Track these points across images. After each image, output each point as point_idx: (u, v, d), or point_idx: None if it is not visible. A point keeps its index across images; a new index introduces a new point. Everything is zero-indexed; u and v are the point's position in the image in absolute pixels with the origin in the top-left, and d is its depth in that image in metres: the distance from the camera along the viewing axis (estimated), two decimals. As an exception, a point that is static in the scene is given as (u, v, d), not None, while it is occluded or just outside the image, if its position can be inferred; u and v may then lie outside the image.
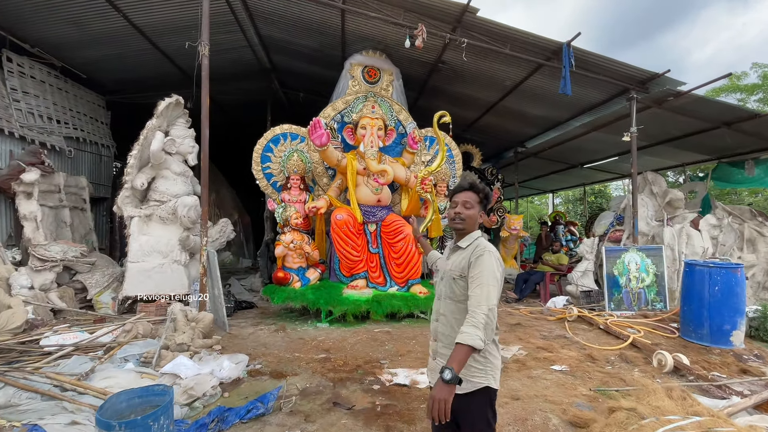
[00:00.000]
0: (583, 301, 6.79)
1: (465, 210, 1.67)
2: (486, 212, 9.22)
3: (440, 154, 5.34)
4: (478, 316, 1.40)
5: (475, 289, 1.47)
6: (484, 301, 1.43)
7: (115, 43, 6.66)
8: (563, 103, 7.27)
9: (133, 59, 7.32)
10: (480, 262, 1.51)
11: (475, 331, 1.36)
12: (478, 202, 1.69)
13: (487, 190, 1.73)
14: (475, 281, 1.49)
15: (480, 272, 1.49)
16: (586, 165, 10.63)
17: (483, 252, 1.54)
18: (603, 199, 28.29)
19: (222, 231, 6.31)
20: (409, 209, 5.77)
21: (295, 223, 5.17)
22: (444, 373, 1.30)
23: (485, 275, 1.48)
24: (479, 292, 1.45)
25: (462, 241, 1.67)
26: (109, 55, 7.05)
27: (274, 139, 6.16)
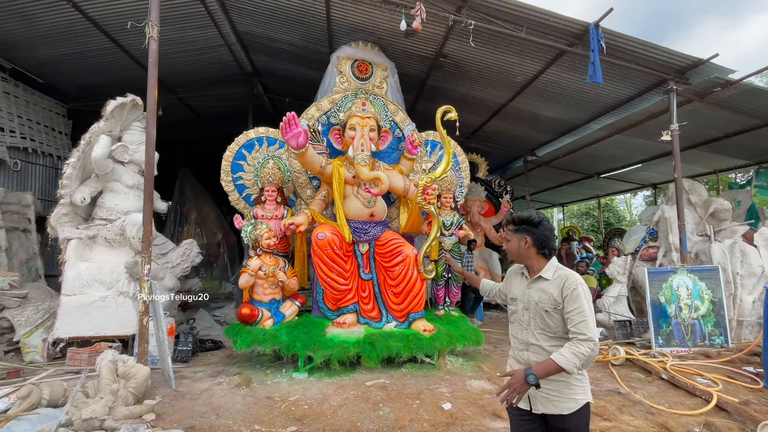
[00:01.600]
0: (619, 333, 5.68)
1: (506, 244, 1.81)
2: (495, 227, 8.18)
3: (445, 158, 4.35)
4: (583, 349, 1.48)
5: (580, 324, 1.53)
6: (590, 334, 1.50)
7: (71, 39, 5.81)
8: (583, 101, 6.35)
9: (95, 61, 6.48)
10: (579, 297, 1.56)
11: (574, 359, 1.47)
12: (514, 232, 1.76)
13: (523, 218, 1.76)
14: (579, 315, 1.54)
15: (582, 307, 1.55)
16: (603, 175, 9.65)
17: (578, 286, 1.58)
18: (609, 213, 27.35)
19: (185, 255, 5.29)
20: (409, 225, 4.75)
21: (267, 244, 4.14)
22: (530, 377, 1.48)
23: (586, 309, 1.54)
24: (585, 326, 1.52)
25: (544, 272, 1.69)
26: (66, 55, 6.20)
27: (248, 145, 5.21)
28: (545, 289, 1.64)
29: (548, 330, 1.62)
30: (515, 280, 1.82)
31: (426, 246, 4.33)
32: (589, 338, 1.47)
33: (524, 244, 1.70)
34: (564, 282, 1.59)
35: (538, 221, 1.71)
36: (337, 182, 4.57)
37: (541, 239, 1.69)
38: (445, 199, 5.12)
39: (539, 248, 1.69)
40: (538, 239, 1.69)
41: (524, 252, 1.70)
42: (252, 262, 3.99)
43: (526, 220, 1.73)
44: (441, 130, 4.31)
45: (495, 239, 8.03)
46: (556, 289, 1.60)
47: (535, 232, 1.69)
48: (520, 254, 1.72)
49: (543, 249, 1.69)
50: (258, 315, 3.97)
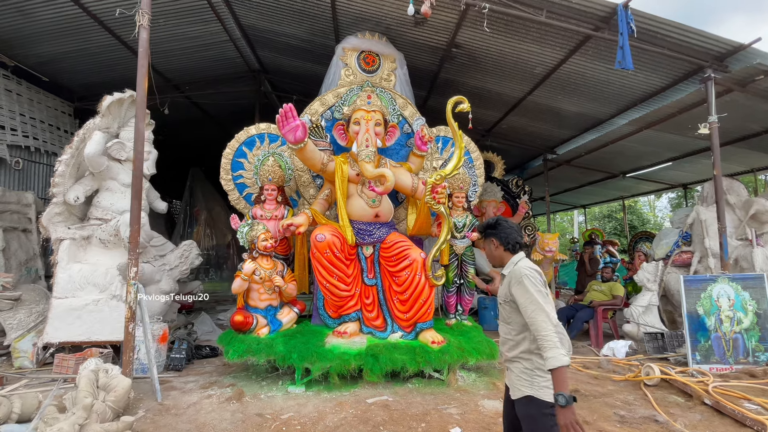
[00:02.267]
0: (650, 346, 5.17)
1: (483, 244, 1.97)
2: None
3: (457, 153, 4.00)
4: (550, 337, 1.54)
5: (532, 314, 1.61)
6: (546, 321, 1.57)
7: (71, 36, 5.69)
8: (608, 94, 5.87)
9: (99, 58, 6.37)
10: (523, 290, 1.64)
11: (555, 352, 1.51)
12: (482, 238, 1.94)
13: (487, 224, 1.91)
14: (528, 309, 1.62)
15: (529, 298, 1.62)
16: (629, 174, 9.06)
17: (521, 278, 1.66)
18: (633, 216, 26.28)
19: (183, 257, 5.06)
20: (417, 227, 4.40)
21: (263, 246, 3.85)
22: (559, 399, 1.47)
23: (534, 299, 1.61)
24: (537, 316, 1.59)
25: (505, 269, 1.82)
26: (69, 52, 6.11)
27: (249, 142, 4.95)
28: (504, 284, 1.80)
29: (504, 320, 1.81)
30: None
31: (435, 249, 3.96)
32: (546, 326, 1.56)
33: (494, 247, 1.85)
34: (512, 274, 1.73)
35: (494, 222, 1.88)
36: (339, 180, 4.26)
37: (504, 236, 1.82)
38: (456, 198, 4.73)
39: (506, 245, 1.81)
40: (501, 238, 1.82)
41: (497, 254, 1.85)
42: (246, 265, 3.70)
43: (485, 225, 1.91)
44: (452, 122, 3.96)
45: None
46: (507, 284, 1.75)
47: (497, 233, 1.84)
48: (496, 257, 1.86)
49: (509, 245, 1.81)
50: (252, 322, 3.68)
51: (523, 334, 1.69)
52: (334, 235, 3.88)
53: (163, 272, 4.81)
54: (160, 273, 4.75)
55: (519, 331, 1.71)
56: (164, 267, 4.84)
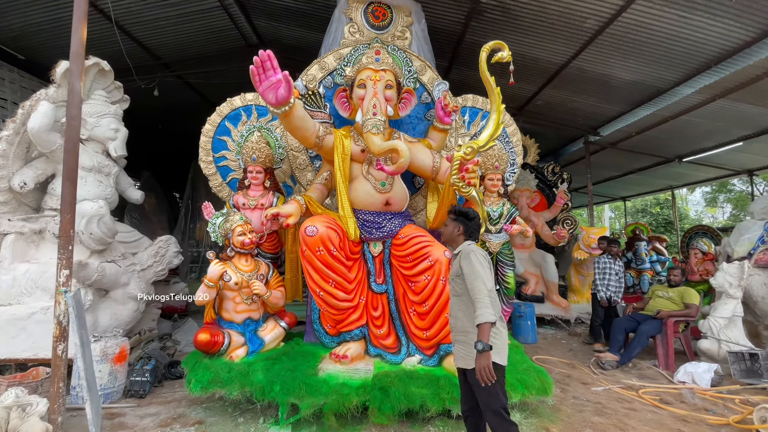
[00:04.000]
0: (736, 368, 4.06)
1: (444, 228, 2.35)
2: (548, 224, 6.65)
3: (494, 118, 2.96)
4: (483, 300, 1.90)
5: (473, 282, 1.95)
6: (482, 287, 1.92)
7: (41, 3, 4.98)
8: (676, 53, 4.69)
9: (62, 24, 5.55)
10: (468, 263, 2.00)
11: (485, 311, 1.87)
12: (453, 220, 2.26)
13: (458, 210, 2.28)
14: (470, 278, 1.97)
15: (471, 270, 1.97)
16: (686, 158, 7.75)
17: (468, 254, 2.03)
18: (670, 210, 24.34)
19: (159, 255, 4.25)
20: (440, 217, 3.41)
21: (240, 242, 2.97)
22: (477, 345, 1.83)
23: (477, 270, 1.96)
24: (476, 284, 1.94)
25: (456, 249, 2.19)
26: (41, 24, 5.39)
27: (233, 116, 4.09)
28: (455, 262, 2.12)
29: (455, 293, 2.11)
30: None
31: (464, 246, 2.98)
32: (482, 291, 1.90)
33: (457, 232, 2.22)
34: (462, 253, 2.07)
35: (473, 216, 2.24)
36: (340, 158, 3.32)
37: (471, 230, 2.22)
38: (490, 181, 3.71)
39: (467, 236, 2.21)
40: (468, 229, 2.22)
41: (456, 236, 2.22)
42: (211, 267, 2.81)
43: (463, 212, 2.25)
44: (487, 75, 2.93)
45: (549, 238, 6.48)
46: (458, 261, 2.08)
47: (468, 224, 2.22)
48: (452, 238, 2.24)
49: (469, 237, 2.21)
50: (223, 342, 2.80)
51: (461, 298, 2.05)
52: (331, 228, 2.94)
53: (132, 273, 4.01)
54: (127, 274, 3.95)
55: (466, 299, 2.00)
56: (133, 267, 4.04)
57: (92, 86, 4.24)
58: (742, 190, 21.35)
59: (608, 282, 5.25)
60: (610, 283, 5.23)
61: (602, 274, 5.30)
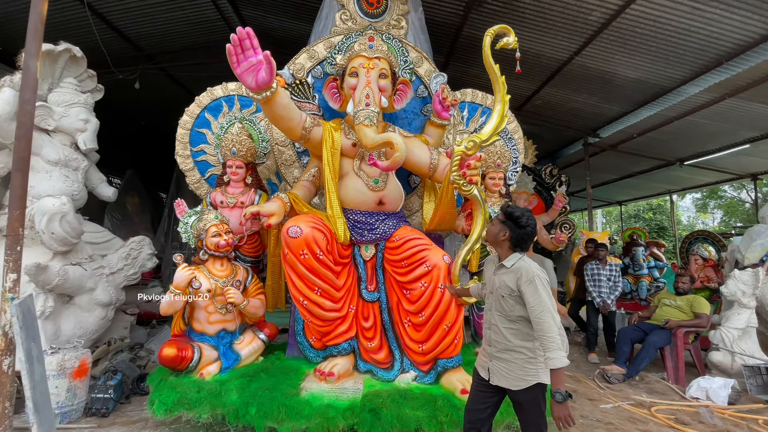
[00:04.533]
0: (752, 383, 3.82)
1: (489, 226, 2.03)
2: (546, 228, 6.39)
3: (498, 109, 2.68)
4: (555, 339, 1.67)
5: (540, 315, 1.71)
6: (552, 324, 1.69)
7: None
8: (685, 48, 4.48)
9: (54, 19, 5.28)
10: (533, 290, 1.74)
11: (558, 354, 1.66)
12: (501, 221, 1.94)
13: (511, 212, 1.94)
14: (536, 309, 1.72)
15: (538, 301, 1.72)
16: (688, 161, 7.58)
17: (533, 279, 1.76)
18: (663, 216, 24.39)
19: (131, 257, 3.91)
20: (438, 219, 3.12)
21: (214, 243, 2.65)
22: (556, 396, 1.66)
23: (544, 301, 1.72)
24: (545, 318, 1.70)
25: (506, 261, 1.90)
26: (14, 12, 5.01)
27: (213, 107, 3.78)
28: (503, 277, 1.86)
29: (504, 313, 1.85)
30: (489, 267, 2.07)
31: (465, 251, 2.68)
32: (551, 328, 1.67)
33: (503, 235, 1.92)
34: (521, 272, 1.80)
35: (524, 224, 1.88)
36: (329, 152, 3.02)
37: (519, 239, 1.89)
38: (491, 180, 3.43)
39: (513, 245, 1.90)
40: (516, 237, 1.89)
41: (500, 241, 1.93)
42: (178, 272, 2.48)
43: (514, 217, 1.91)
44: (491, 62, 2.67)
45: (547, 242, 6.17)
46: (512, 279, 1.81)
47: (518, 232, 1.89)
48: (497, 241, 1.96)
49: (515, 247, 1.90)
50: (192, 357, 2.48)
51: (525, 330, 1.80)
52: (317, 229, 2.63)
53: (99, 278, 3.66)
54: (94, 278, 3.60)
55: (520, 325, 1.82)
56: (101, 270, 3.69)
57: (63, 74, 3.90)
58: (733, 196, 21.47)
59: (600, 287, 5.11)
60: (602, 289, 5.10)
61: (592, 281, 5.20)
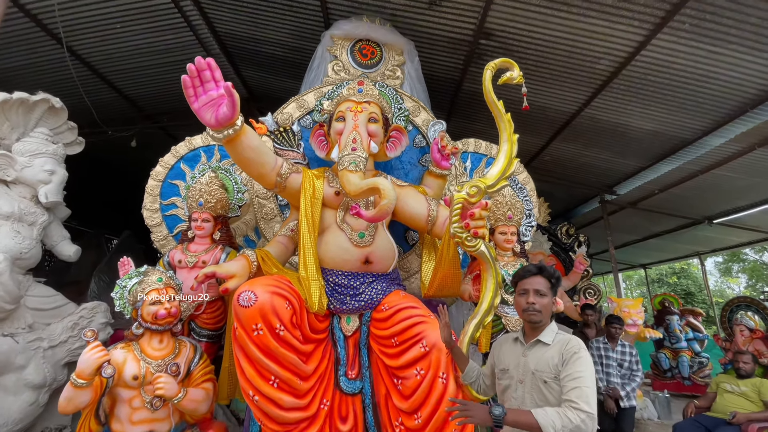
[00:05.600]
0: None
1: (540, 299, 1.61)
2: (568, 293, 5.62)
3: (505, 149, 2.23)
4: (572, 417, 1.33)
5: (575, 390, 1.38)
6: (584, 404, 1.35)
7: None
8: (705, 97, 4.15)
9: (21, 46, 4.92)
10: (579, 361, 1.44)
11: (556, 420, 1.32)
12: (550, 288, 1.66)
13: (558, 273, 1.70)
14: (574, 381, 1.41)
15: (581, 373, 1.42)
16: (717, 220, 6.96)
17: (579, 350, 1.47)
18: (689, 280, 22.98)
19: (78, 327, 3.31)
20: (438, 281, 2.52)
21: (151, 314, 2.08)
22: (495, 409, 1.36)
23: (587, 377, 1.42)
24: (579, 393, 1.37)
25: (542, 336, 1.56)
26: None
27: (190, 157, 3.46)
28: (544, 356, 1.52)
29: (548, 404, 1.46)
30: (507, 349, 1.70)
31: (474, 325, 2.04)
32: (583, 409, 1.34)
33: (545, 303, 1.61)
34: (565, 345, 1.50)
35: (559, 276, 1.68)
36: (308, 201, 2.56)
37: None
38: (502, 235, 2.86)
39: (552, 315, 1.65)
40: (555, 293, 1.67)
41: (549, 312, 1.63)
42: (83, 355, 1.87)
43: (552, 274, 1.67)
44: (493, 98, 2.30)
45: (571, 311, 5.45)
46: (556, 354, 1.49)
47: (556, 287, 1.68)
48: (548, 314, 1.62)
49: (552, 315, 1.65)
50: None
51: None
52: (279, 295, 2.05)
53: (34, 352, 3.04)
54: (27, 353, 2.99)
55: None
56: (39, 344, 3.09)
57: (38, 124, 3.69)
58: (756, 259, 20.31)
59: (609, 375, 3.72)
60: (611, 378, 3.70)
61: (599, 365, 3.77)
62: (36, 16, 4.11)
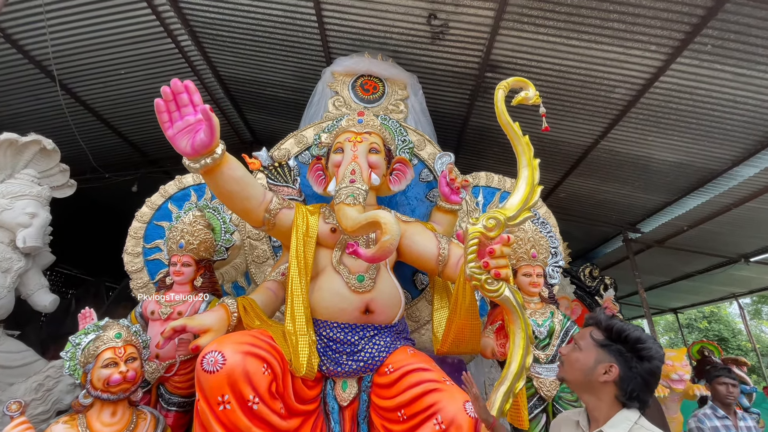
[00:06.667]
0: None
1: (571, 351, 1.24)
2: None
3: (526, 175, 1.91)
4: None
5: None
6: None
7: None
8: (733, 124, 3.86)
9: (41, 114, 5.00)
10: None
11: None
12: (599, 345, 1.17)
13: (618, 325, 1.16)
14: None
15: None
16: (754, 258, 6.39)
17: None
18: (721, 325, 21.47)
19: (43, 389, 2.90)
20: (454, 333, 2.08)
21: (104, 379, 1.69)
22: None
23: None
24: None
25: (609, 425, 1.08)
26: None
27: (179, 197, 3.22)
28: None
29: None
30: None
31: (503, 393, 1.59)
32: None
33: (602, 372, 1.12)
34: None
35: (649, 354, 1.07)
36: (300, 240, 2.23)
37: (637, 385, 1.08)
38: (527, 277, 2.41)
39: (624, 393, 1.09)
40: (631, 380, 1.09)
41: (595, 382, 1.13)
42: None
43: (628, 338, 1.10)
44: (507, 119, 2.01)
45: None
46: None
47: (638, 369, 1.09)
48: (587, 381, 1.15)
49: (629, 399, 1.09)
50: None
51: None
52: (254, 356, 1.64)
53: (-16, 423, 2.60)
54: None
55: None
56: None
57: (28, 166, 3.54)
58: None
59: None
60: None
61: None
62: (40, 63, 4.13)
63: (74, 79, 4.45)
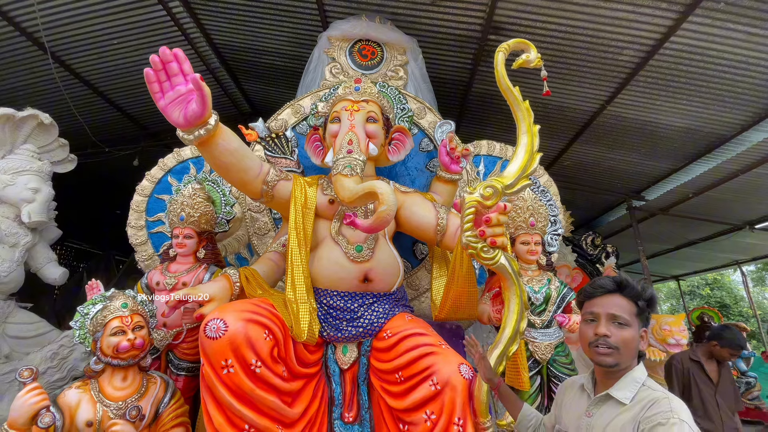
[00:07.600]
0: None
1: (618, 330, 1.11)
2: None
3: (525, 141, 1.88)
4: None
5: None
6: None
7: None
8: (744, 87, 3.72)
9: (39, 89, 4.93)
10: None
11: None
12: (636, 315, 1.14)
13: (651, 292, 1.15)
14: None
15: None
16: (759, 225, 6.35)
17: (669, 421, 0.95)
18: (723, 292, 21.67)
19: (58, 357, 3.05)
20: (452, 300, 2.14)
21: (113, 346, 1.77)
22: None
23: None
24: None
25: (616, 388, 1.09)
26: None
27: (179, 169, 3.22)
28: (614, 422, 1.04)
29: None
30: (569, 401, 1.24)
31: (496, 356, 1.64)
32: None
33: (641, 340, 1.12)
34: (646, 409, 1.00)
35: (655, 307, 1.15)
36: (299, 211, 2.24)
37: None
38: (525, 246, 2.44)
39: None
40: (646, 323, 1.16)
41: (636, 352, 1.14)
42: (17, 400, 1.56)
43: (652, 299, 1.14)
44: (507, 83, 1.97)
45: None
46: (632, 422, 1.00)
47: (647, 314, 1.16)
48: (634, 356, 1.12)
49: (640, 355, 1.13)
50: None
51: None
52: (255, 323, 1.70)
53: (8, 386, 2.77)
54: (2, 386, 2.71)
55: None
56: (12, 377, 2.81)
57: (27, 141, 3.54)
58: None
59: None
60: None
61: None
62: (32, 34, 4.02)
63: (67, 50, 4.33)
